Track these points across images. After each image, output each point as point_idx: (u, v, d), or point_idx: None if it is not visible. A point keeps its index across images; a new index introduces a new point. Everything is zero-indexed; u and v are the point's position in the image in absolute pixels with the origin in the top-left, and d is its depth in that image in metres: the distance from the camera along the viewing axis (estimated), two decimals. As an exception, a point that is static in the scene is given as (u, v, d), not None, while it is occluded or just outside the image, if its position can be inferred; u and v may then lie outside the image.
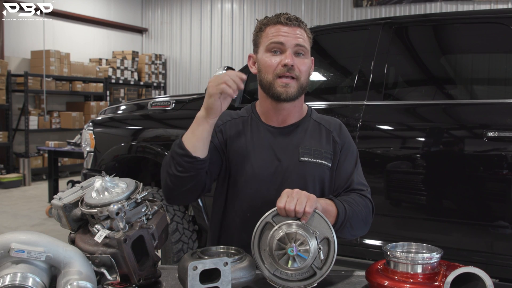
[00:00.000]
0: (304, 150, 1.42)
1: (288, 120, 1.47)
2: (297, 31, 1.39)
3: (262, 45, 1.42)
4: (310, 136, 1.46)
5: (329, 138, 1.47)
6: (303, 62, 1.40)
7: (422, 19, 2.90)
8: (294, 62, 1.37)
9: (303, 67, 1.40)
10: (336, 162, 1.45)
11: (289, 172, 1.41)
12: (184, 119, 3.06)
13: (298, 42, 1.38)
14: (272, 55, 1.39)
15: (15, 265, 0.96)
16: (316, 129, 1.48)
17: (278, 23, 1.39)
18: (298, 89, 1.39)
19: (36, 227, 4.85)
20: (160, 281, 1.21)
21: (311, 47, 1.46)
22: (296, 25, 1.39)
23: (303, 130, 1.47)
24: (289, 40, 1.37)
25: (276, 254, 1.11)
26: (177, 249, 2.83)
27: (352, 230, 1.35)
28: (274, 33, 1.39)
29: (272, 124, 1.47)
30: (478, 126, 2.29)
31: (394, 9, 7.93)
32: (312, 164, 1.42)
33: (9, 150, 7.49)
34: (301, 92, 1.42)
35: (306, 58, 1.41)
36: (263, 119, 1.49)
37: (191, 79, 10.14)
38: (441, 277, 1.07)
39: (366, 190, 1.44)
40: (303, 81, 1.40)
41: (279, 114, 1.46)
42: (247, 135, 1.47)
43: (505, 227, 2.23)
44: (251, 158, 1.43)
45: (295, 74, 1.38)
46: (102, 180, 1.16)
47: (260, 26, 1.44)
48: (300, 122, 1.48)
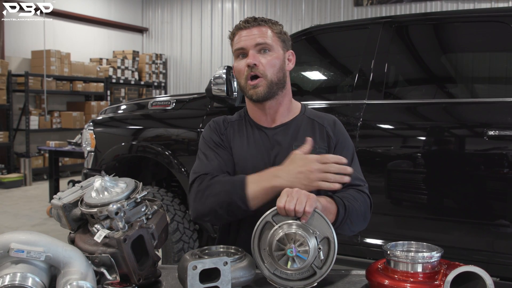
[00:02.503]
0: (298, 147, 1.42)
1: (278, 119, 1.49)
2: (255, 31, 1.41)
3: (234, 54, 1.47)
4: (304, 133, 1.47)
5: (322, 133, 1.48)
6: (265, 58, 1.41)
7: (423, 17, 2.89)
8: (256, 60, 1.40)
9: (267, 62, 1.41)
10: None
11: None
12: (185, 119, 3.06)
13: (256, 42, 1.40)
14: (239, 60, 1.45)
15: (14, 265, 0.96)
16: (309, 126, 1.49)
17: (239, 29, 1.44)
18: (268, 87, 1.42)
19: (37, 227, 4.86)
20: (160, 280, 1.21)
21: (311, 46, 1.45)
22: (254, 25, 1.42)
23: (296, 128, 1.48)
24: (247, 42, 1.41)
25: (275, 254, 1.10)
26: (178, 248, 2.83)
27: (351, 226, 1.35)
28: (237, 39, 1.44)
29: (263, 124, 1.50)
30: (478, 124, 2.29)
31: (395, 8, 7.92)
32: None
33: (10, 150, 7.50)
34: (274, 89, 1.43)
35: (271, 53, 1.42)
36: (255, 120, 1.52)
37: (191, 78, 10.14)
38: (442, 276, 1.07)
39: (364, 186, 1.44)
40: (271, 77, 1.42)
41: (267, 114, 1.48)
42: (242, 139, 1.49)
43: (506, 226, 2.23)
44: (249, 159, 1.45)
45: (260, 72, 1.40)
46: (101, 180, 1.16)
47: (230, 36, 1.49)
48: (293, 121, 1.50)
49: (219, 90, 2.66)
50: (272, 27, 1.45)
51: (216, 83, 2.66)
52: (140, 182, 1.22)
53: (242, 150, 1.46)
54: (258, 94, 1.41)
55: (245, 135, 1.50)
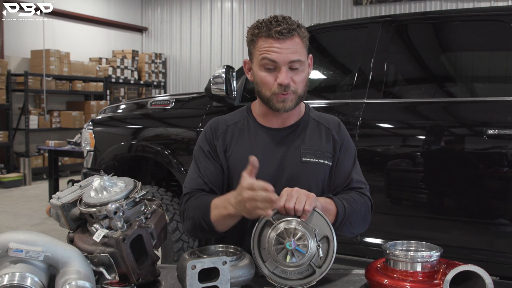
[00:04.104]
0: (306, 150, 1.42)
1: (288, 122, 1.46)
2: (289, 45, 1.31)
3: (256, 58, 1.37)
4: (310, 135, 1.45)
5: (329, 137, 1.46)
6: (299, 76, 1.36)
7: (422, 17, 2.89)
8: (289, 80, 1.33)
9: (299, 79, 1.36)
10: (336, 160, 1.44)
11: (292, 174, 1.40)
12: (184, 118, 3.06)
13: (291, 59, 1.32)
14: (267, 72, 1.35)
15: (13, 264, 0.95)
16: (315, 128, 1.47)
17: (269, 37, 1.32)
18: (296, 101, 1.38)
19: (37, 226, 4.86)
20: (159, 280, 1.21)
21: (310, 45, 1.44)
22: (288, 37, 1.31)
23: (303, 129, 1.46)
24: (282, 57, 1.31)
25: (274, 248, 1.10)
26: (177, 248, 2.83)
27: (351, 228, 1.35)
28: (266, 48, 1.32)
29: (271, 126, 1.46)
30: (478, 124, 2.29)
31: (394, 7, 7.92)
32: (315, 164, 1.41)
33: (10, 149, 7.49)
34: (299, 101, 1.40)
35: (301, 69, 1.36)
36: (261, 121, 1.47)
37: (191, 78, 10.14)
38: (441, 275, 1.07)
39: (365, 188, 1.44)
40: (300, 92, 1.38)
41: (279, 117, 1.45)
42: (245, 141, 1.45)
43: (505, 225, 2.23)
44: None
45: (292, 90, 1.35)
46: (100, 179, 1.16)
47: (251, 37, 1.38)
48: (300, 122, 1.47)
49: (218, 89, 2.66)
50: (300, 34, 1.35)
51: (215, 83, 2.66)
52: (139, 182, 1.22)
53: (244, 152, 1.39)
54: (287, 107, 1.37)
55: (248, 136, 1.46)
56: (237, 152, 1.44)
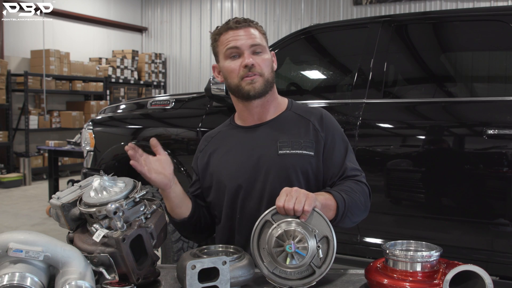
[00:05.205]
0: (283, 143, 1.43)
1: (264, 117, 1.49)
2: (248, 32, 1.42)
3: (221, 54, 1.46)
4: (288, 128, 1.47)
5: (308, 127, 1.46)
6: (262, 59, 1.43)
7: (422, 16, 2.89)
8: (254, 61, 1.41)
9: (264, 63, 1.43)
10: (321, 150, 1.44)
11: (270, 167, 1.41)
12: (184, 118, 3.06)
13: (252, 42, 1.42)
14: (232, 60, 1.44)
15: (13, 264, 0.95)
16: (295, 121, 1.49)
17: (229, 29, 1.44)
18: (264, 84, 1.43)
19: (37, 226, 4.86)
20: (159, 280, 1.21)
21: (310, 45, 1.45)
22: (246, 26, 1.43)
23: (281, 123, 1.48)
24: (243, 42, 1.41)
25: (274, 251, 1.10)
26: (177, 248, 2.83)
27: (352, 218, 1.35)
28: (228, 39, 1.43)
29: (248, 124, 1.51)
30: (478, 123, 2.29)
31: (394, 7, 7.92)
32: (292, 155, 1.41)
33: (10, 149, 7.49)
34: (268, 87, 1.45)
35: (264, 54, 1.45)
36: (239, 122, 1.54)
37: (191, 78, 10.14)
38: (441, 275, 1.07)
39: (361, 175, 1.44)
40: (267, 76, 1.44)
41: (254, 113, 1.49)
42: (225, 146, 1.51)
43: (505, 224, 2.23)
44: (230, 161, 1.47)
45: (258, 72, 1.42)
46: (100, 179, 1.16)
47: (214, 37, 1.48)
48: (278, 117, 1.50)
49: (218, 89, 2.66)
50: (258, 29, 1.47)
51: (215, 83, 2.66)
52: (139, 182, 1.22)
53: (223, 156, 1.50)
54: (256, 89, 1.42)
55: (229, 140, 1.52)
56: (216, 157, 1.51)
